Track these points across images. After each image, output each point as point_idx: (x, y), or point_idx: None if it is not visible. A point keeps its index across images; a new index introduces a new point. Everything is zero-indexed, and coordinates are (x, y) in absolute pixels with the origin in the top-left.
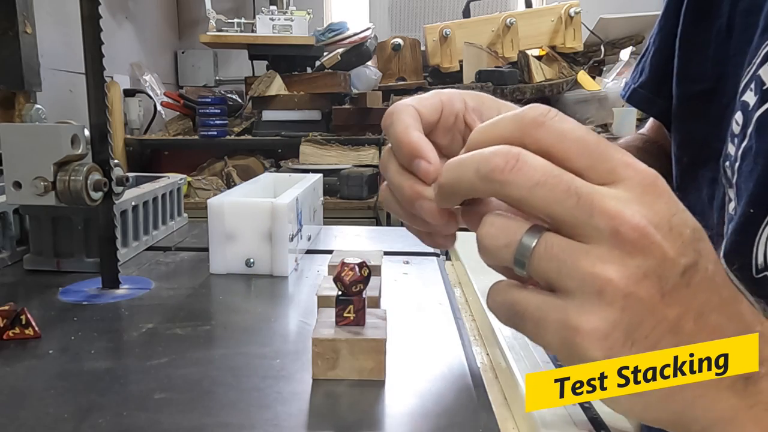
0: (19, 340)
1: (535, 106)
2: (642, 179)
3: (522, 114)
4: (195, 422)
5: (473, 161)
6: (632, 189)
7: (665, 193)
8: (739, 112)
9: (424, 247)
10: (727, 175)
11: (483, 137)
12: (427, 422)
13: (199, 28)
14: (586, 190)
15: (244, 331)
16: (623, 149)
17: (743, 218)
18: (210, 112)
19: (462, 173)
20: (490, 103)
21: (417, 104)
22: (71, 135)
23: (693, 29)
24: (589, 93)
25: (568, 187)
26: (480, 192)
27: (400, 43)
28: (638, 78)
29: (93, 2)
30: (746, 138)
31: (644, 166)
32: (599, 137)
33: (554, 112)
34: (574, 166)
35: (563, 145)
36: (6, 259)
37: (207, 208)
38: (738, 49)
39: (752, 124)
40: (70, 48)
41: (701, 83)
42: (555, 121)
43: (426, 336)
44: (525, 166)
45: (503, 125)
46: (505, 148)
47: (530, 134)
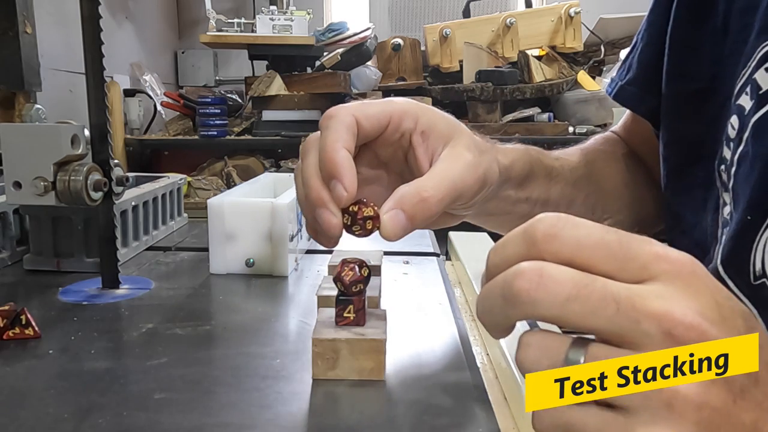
0: (19, 340)
1: (542, 218)
2: (679, 270)
3: (532, 230)
4: (195, 422)
5: (497, 287)
6: (672, 283)
7: (707, 281)
8: (734, 116)
9: (424, 247)
10: (722, 179)
11: (499, 259)
12: (427, 422)
13: (199, 28)
14: (624, 294)
15: (244, 331)
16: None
17: (740, 224)
18: (210, 112)
19: (491, 304)
20: (442, 128)
21: (360, 114)
22: (71, 135)
23: (686, 27)
24: (589, 93)
25: (603, 295)
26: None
27: (400, 43)
28: (625, 75)
29: (93, 2)
30: (742, 143)
31: (677, 253)
32: (618, 233)
33: (564, 220)
34: (601, 271)
35: (584, 253)
36: (6, 259)
37: (207, 208)
38: (734, 49)
39: (749, 129)
40: (70, 48)
41: (696, 82)
42: (568, 230)
43: (426, 336)
44: (550, 282)
45: (515, 243)
46: (525, 265)
47: (546, 250)
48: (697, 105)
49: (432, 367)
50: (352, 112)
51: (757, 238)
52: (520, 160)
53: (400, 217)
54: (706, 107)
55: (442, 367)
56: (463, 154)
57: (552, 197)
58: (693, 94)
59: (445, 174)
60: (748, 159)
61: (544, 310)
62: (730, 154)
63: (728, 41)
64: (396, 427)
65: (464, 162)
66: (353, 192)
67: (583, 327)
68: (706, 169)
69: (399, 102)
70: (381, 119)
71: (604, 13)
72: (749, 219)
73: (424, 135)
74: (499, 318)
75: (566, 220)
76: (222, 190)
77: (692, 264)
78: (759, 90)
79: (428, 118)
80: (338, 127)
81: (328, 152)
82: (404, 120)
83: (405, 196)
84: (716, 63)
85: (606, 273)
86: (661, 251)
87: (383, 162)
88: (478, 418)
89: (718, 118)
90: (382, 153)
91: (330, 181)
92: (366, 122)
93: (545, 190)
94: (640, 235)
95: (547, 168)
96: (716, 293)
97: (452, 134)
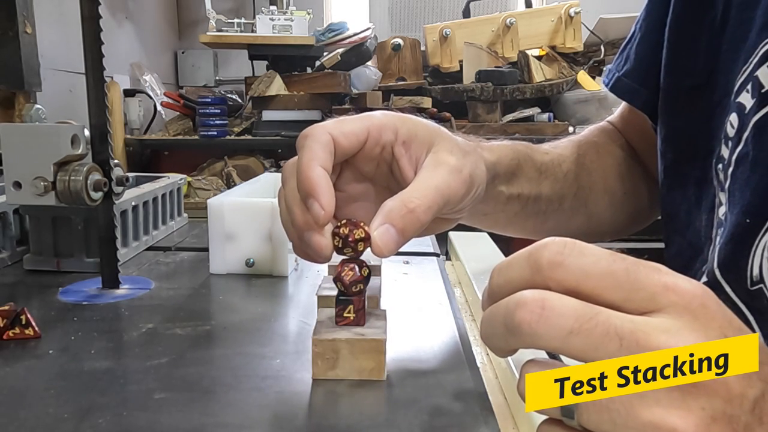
0: (19, 340)
1: (548, 243)
2: (688, 302)
3: (537, 255)
4: (195, 422)
5: (500, 314)
6: (679, 316)
7: (717, 314)
8: (734, 114)
9: (424, 247)
10: (719, 178)
11: (503, 281)
12: (427, 422)
13: (199, 28)
14: (628, 328)
15: (244, 331)
16: (658, 265)
17: (738, 228)
18: (210, 112)
19: (494, 331)
20: (423, 135)
21: (336, 132)
22: (71, 135)
23: (684, 19)
24: (589, 93)
25: (606, 330)
26: (517, 346)
27: (400, 43)
28: (623, 66)
29: (93, 2)
30: (741, 143)
31: (687, 283)
32: (626, 261)
33: (570, 246)
34: (606, 301)
35: (590, 282)
36: (6, 259)
37: (207, 208)
38: (731, 44)
39: (749, 129)
40: (70, 48)
41: (691, 77)
42: (574, 257)
43: (426, 336)
44: (552, 315)
45: (520, 267)
46: (528, 295)
47: (551, 277)
48: (694, 101)
49: (432, 367)
50: (328, 130)
51: (755, 243)
52: (507, 156)
53: (390, 232)
54: (702, 103)
55: (442, 367)
56: (445, 159)
57: (543, 193)
58: (689, 90)
59: (429, 182)
60: (747, 160)
61: (546, 342)
62: (728, 153)
63: (726, 36)
64: (396, 427)
65: (448, 167)
66: (330, 210)
67: (585, 360)
68: (701, 167)
69: (376, 116)
70: (359, 134)
71: (604, 13)
72: (748, 223)
73: (406, 145)
74: (501, 344)
75: (573, 246)
76: (222, 190)
77: (702, 295)
78: (761, 89)
79: (408, 128)
80: (313, 146)
81: (303, 172)
82: (383, 133)
83: (392, 210)
84: (713, 58)
85: (612, 303)
86: (670, 282)
87: (368, 177)
88: (478, 418)
89: (715, 115)
90: (366, 168)
91: (306, 201)
92: (343, 139)
93: (536, 186)
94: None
95: (537, 163)
96: (726, 327)
97: (433, 140)
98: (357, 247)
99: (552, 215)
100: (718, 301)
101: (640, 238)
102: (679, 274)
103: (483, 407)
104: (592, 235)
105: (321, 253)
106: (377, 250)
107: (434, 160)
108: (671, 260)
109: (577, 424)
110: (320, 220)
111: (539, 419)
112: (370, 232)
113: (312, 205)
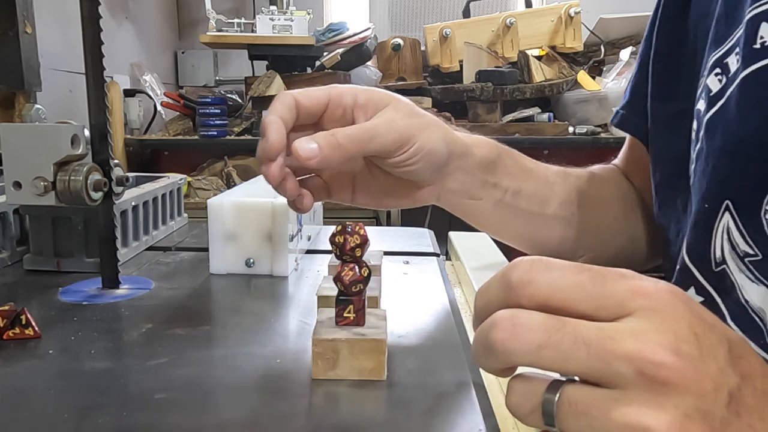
0: (19, 340)
1: (517, 263)
2: (655, 303)
3: (508, 275)
4: (195, 422)
5: (481, 337)
6: (647, 318)
7: (686, 312)
8: (695, 121)
9: (424, 247)
10: (690, 181)
11: (483, 302)
12: (427, 422)
13: (199, 28)
14: (594, 335)
15: (244, 331)
16: (624, 271)
17: (699, 215)
18: (210, 112)
19: (477, 350)
20: (379, 99)
21: (299, 94)
22: (71, 135)
23: (666, 53)
24: (589, 93)
25: (574, 339)
26: (498, 365)
27: (400, 43)
28: (622, 102)
29: (93, 2)
30: (699, 141)
31: (654, 284)
32: (592, 271)
33: (537, 264)
34: (578, 312)
35: (558, 296)
36: (6, 259)
37: (207, 208)
38: (701, 66)
39: (702, 128)
40: (70, 48)
41: (677, 103)
42: (542, 274)
43: (426, 336)
44: (522, 330)
45: (495, 288)
46: (499, 315)
47: (523, 295)
48: (679, 123)
49: (432, 367)
50: (293, 93)
51: (714, 226)
52: (485, 146)
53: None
54: (687, 123)
55: (442, 367)
56: (386, 113)
57: (524, 190)
58: (675, 114)
59: (362, 124)
60: (703, 155)
61: (520, 358)
62: (691, 153)
63: (697, 60)
64: (396, 427)
65: (382, 117)
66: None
67: (559, 371)
68: (686, 180)
69: (338, 85)
70: (320, 97)
71: (604, 13)
72: (706, 208)
73: (363, 108)
74: (486, 365)
75: (539, 263)
76: (222, 190)
77: (669, 295)
78: (710, 93)
79: (366, 94)
80: (276, 104)
81: (263, 122)
82: (343, 97)
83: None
84: (694, 81)
85: (583, 313)
86: (636, 286)
87: None
88: (478, 418)
89: None
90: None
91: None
92: (305, 100)
93: (517, 181)
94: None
95: (521, 163)
96: (696, 324)
97: (388, 102)
98: (354, 253)
99: (535, 219)
100: (687, 299)
101: None
102: (646, 277)
103: (483, 407)
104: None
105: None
106: (296, 154)
107: (378, 114)
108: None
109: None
110: (267, 153)
111: None
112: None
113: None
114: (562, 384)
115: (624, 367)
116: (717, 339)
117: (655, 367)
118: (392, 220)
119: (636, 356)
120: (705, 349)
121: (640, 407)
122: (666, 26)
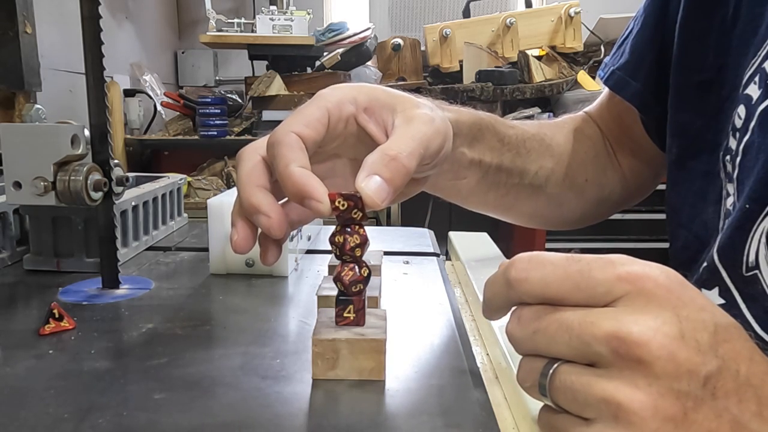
0: (55, 333)
1: (515, 261)
2: (641, 287)
3: (507, 273)
4: (195, 422)
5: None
6: (632, 302)
7: (671, 295)
8: (741, 106)
9: (424, 247)
10: (726, 170)
11: (488, 294)
12: (427, 422)
13: (199, 28)
14: (577, 321)
15: (244, 331)
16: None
17: (740, 213)
18: (210, 112)
19: None
20: (384, 99)
21: (300, 129)
22: (71, 135)
23: (695, 17)
24: (589, 93)
25: (558, 325)
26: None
27: (400, 43)
28: (618, 60)
29: (93, 2)
30: (748, 132)
31: (641, 269)
32: (581, 262)
33: (533, 261)
34: (571, 302)
35: (551, 290)
36: (6, 259)
37: (207, 208)
38: (742, 39)
39: (755, 119)
40: (70, 48)
41: (700, 73)
42: (536, 271)
43: (426, 336)
44: (523, 321)
45: (498, 284)
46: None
47: (522, 292)
48: (702, 96)
49: (432, 367)
50: (291, 129)
51: (753, 228)
52: (469, 119)
53: (378, 181)
54: (711, 98)
55: (442, 367)
56: (415, 113)
57: (504, 164)
58: (698, 85)
59: (406, 133)
60: (753, 149)
61: (522, 345)
62: (735, 144)
63: (736, 32)
64: (396, 427)
65: (420, 119)
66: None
67: (551, 354)
68: (708, 161)
69: (329, 93)
70: (321, 119)
71: (604, 13)
72: (747, 208)
73: (369, 111)
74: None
75: (535, 261)
76: (222, 190)
77: (655, 279)
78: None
79: (365, 94)
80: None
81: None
82: (343, 108)
83: (375, 161)
84: (723, 54)
85: (577, 303)
86: (623, 272)
87: (334, 154)
88: (478, 419)
89: (723, 110)
90: (331, 146)
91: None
92: (310, 131)
93: (497, 155)
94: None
95: (500, 134)
96: (681, 307)
97: (396, 102)
98: (354, 253)
99: (512, 190)
100: (681, 281)
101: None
102: (639, 261)
103: (483, 407)
104: (556, 220)
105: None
106: (370, 202)
107: (405, 117)
108: (677, 254)
109: (552, 403)
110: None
111: None
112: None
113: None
114: (555, 362)
115: (602, 347)
116: (702, 322)
117: (628, 347)
118: (392, 220)
119: (612, 336)
120: (687, 331)
121: (617, 384)
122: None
